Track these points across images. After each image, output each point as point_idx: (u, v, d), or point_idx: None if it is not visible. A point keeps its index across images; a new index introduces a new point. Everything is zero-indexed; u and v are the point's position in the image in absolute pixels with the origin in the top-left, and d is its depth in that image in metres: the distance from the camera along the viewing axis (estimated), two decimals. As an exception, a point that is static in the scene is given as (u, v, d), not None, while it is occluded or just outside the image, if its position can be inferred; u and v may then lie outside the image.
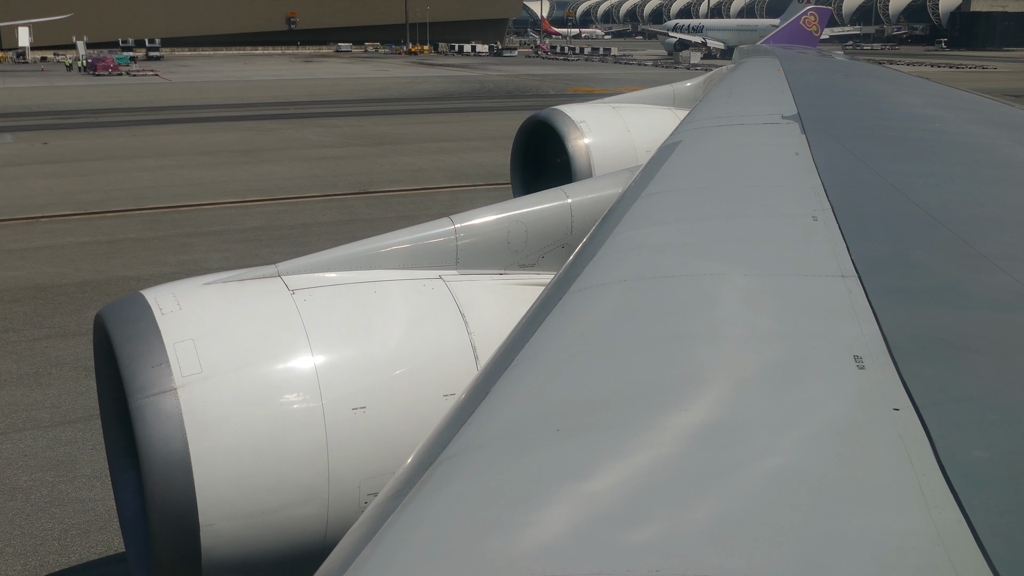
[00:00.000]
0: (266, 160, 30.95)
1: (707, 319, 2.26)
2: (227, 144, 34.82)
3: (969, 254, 2.82)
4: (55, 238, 20.04)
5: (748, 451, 1.57)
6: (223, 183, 26.71)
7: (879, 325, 2.06)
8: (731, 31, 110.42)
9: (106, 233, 20.46)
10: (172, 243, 19.50)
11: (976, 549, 1.25)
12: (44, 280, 16.67)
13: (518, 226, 4.08)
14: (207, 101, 53.52)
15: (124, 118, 44.54)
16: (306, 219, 21.86)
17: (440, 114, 47.10)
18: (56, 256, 18.42)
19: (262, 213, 22.66)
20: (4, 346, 13.30)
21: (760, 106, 6.57)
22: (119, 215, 22.42)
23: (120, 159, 31.31)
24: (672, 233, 3.13)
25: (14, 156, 32.19)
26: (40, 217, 22.10)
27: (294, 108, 49.23)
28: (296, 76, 79.37)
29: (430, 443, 1.79)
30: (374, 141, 35.90)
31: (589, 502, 1.45)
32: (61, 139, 36.46)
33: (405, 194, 25.18)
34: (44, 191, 25.46)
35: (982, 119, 7.20)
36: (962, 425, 1.66)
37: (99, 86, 66.88)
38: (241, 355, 3.17)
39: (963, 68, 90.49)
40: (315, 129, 39.72)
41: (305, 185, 26.37)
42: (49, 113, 46.93)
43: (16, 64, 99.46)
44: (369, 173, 28.48)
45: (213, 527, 3.01)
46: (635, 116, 8.54)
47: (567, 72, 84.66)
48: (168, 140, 36.22)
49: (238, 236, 20.12)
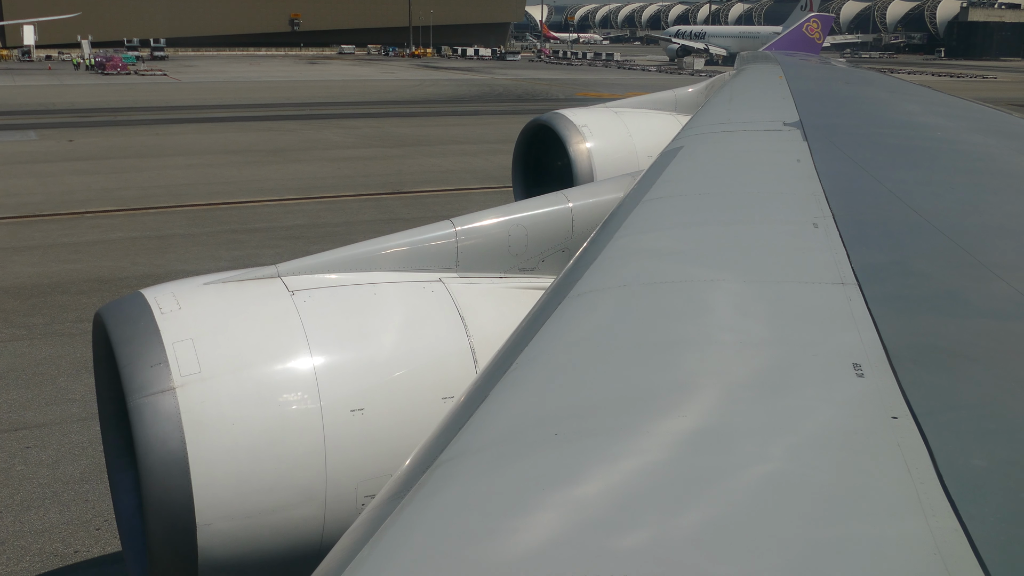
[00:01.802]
0: (294, 160, 31.39)
1: (706, 325, 2.27)
2: (251, 144, 35.24)
3: (969, 263, 2.82)
4: (104, 233, 20.45)
5: (746, 458, 1.58)
6: (257, 182, 27.14)
7: (878, 333, 2.06)
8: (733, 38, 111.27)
9: (153, 229, 20.87)
10: (221, 239, 19.93)
11: (973, 558, 1.26)
12: (103, 273, 17.09)
13: (519, 229, 4.06)
14: (221, 101, 53.91)
15: (143, 117, 44.92)
16: (347, 218, 22.31)
17: (455, 116, 47.56)
18: (109, 250, 18.84)
19: (302, 211, 23.11)
20: (84, 335, 13.74)
21: (762, 112, 6.58)
22: (162, 211, 22.82)
23: (148, 157, 31.70)
24: (673, 239, 3.11)
25: (42, 153, 32.56)
26: (84, 212, 22.51)
27: (309, 109, 49.66)
28: (304, 77, 79.78)
29: (428, 446, 1.79)
30: (396, 143, 36.36)
31: (587, 507, 1.46)
32: (85, 137, 36.83)
33: (439, 194, 25.64)
34: (82, 187, 25.85)
35: (984, 128, 7.23)
36: (961, 434, 1.67)
37: (111, 85, 67.19)
38: (240, 355, 3.17)
39: (964, 77, 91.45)
40: (335, 130, 40.17)
41: (338, 184, 26.82)
42: (67, 112, 47.25)
43: (21, 62, 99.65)
44: (398, 173, 28.93)
45: (210, 527, 3.00)
46: (637, 121, 8.53)
47: (573, 77, 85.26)
48: (191, 139, 36.64)
49: (284, 233, 20.56)
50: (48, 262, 17.87)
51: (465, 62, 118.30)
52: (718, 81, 9.68)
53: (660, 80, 75.88)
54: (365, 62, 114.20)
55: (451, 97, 60.34)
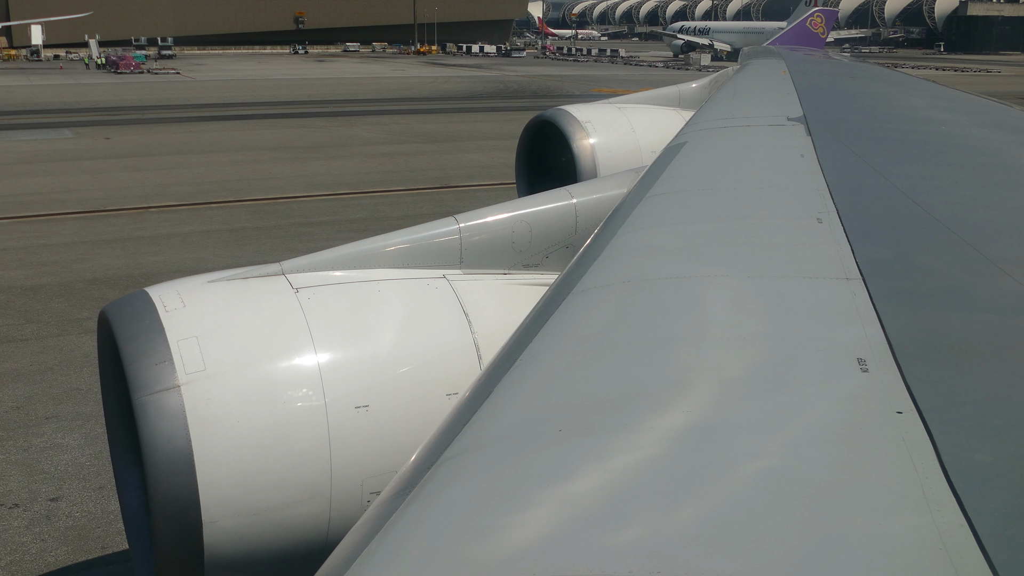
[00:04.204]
0: (334, 156, 31.99)
1: (710, 321, 2.28)
2: (287, 140, 35.81)
3: (974, 257, 2.82)
4: (174, 227, 21.03)
5: (751, 453, 1.59)
6: (306, 177, 27.74)
7: (883, 328, 2.07)
8: (738, 33, 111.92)
9: (221, 222, 21.47)
10: (291, 232, 20.53)
11: (979, 553, 1.26)
12: (191, 264, 17.67)
13: (522, 226, 4.06)
14: (241, 99, 54.48)
15: (170, 115, 45.46)
16: (405, 211, 22.91)
17: (478, 112, 48.17)
18: (186, 243, 19.42)
19: (360, 205, 23.72)
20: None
21: (765, 108, 6.58)
22: (224, 206, 23.42)
23: (189, 154, 32.27)
24: (677, 235, 3.13)
25: (84, 150, 33.10)
26: (149, 207, 23.10)
27: (332, 106, 50.25)
28: (316, 75, 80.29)
29: (433, 442, 1.80)
30: (427, 139, 36.95)
31: (592, 504, 1.46)
32: (120, 135, 37.37)
33: (488, 188, 26.23)
34: (136, 183, 26.42)
35: (988, 122, 7.22)
36: (965, 429, 1.67)
37: (128, 84, 67.68)
38: (244, 353, 3.18)
39: (968, 71, 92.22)
40: (363, 127, 40.75)
41: (385, 179, 27.43)
42: (93, 110, 47.78)
43: (31, 62, 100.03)
44: (440, 169, 29.55)
45: (216, 524, 3.01)
46: (640, 117, 8.52)
47: (583, 73, 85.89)
48: (225, 136, 37.22)
49: (349, 226, 21.15)
50: (130, 255, 18.46)
51: (471, 59, 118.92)
52: (722, 76, 9.69)
53: (670, 76, 76.46)
54: (372, 60, 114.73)
55: (468, 94, 60.94)
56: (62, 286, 16.27)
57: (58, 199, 24.08)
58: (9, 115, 45.23)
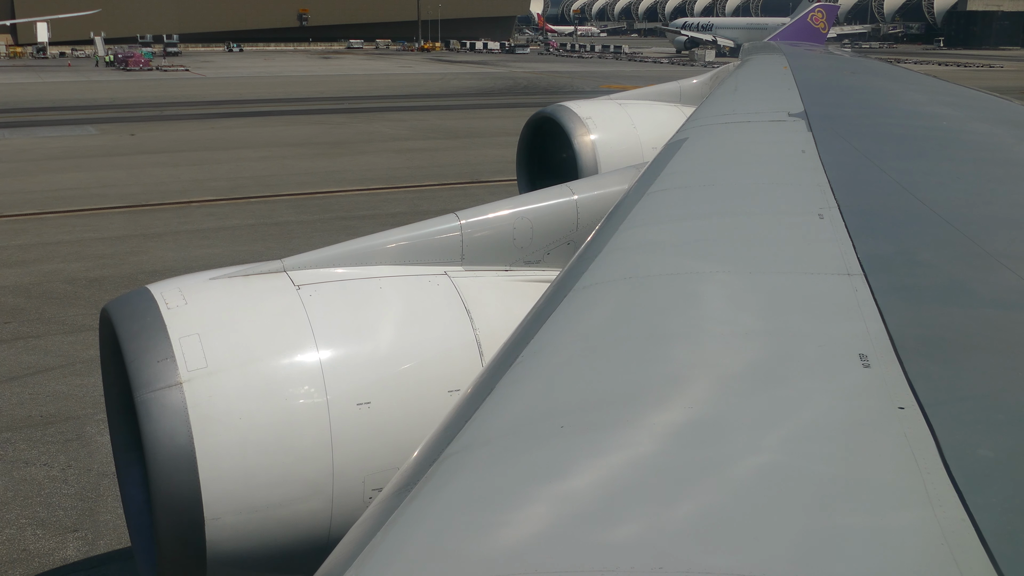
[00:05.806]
0: (360, 152, 32.48)
1: (711, 317, 2.28)
2: (310, 137, 36.29)
3: (975, 253, 2.82)
4: (220, 220, 21.52)
5: (752, 449, 1.59)
6: (337, 172, 28.23)
7: (885, 323, 2.07)
8: (741, 29, 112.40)
9: (265, 216, 21.96)
10: (334, 225, 21.02)
11: (980, 548, 1.26)
12: (243, 257, 18.12)
13: (523, 222, 4.07)
14: (256, 96, 55.01)
15: (189, 112, 45.94)
16: (443, 205, 23.38)
17: (493, 109, 48.62)
18: (237, 236, 19.92)
19: (397, 200, 24.23)
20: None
21: (766, 103, 6.57)
22: (265, 200, 23.90)
23: (217, 150, 32.77)
24: (677, 231, 3.12)
25: (111, 147, 33.55)
26: (191, 202, 23.59)
27: (348, 103, 50.75)
28: (325, 72, 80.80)
29: (435, 439, 1.81)
30: (447, 134, 37.45)
31: (594, 500, 1.47)
32: (144, 131, 37.85)
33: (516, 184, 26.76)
34: (171, 179, 26.91)
35: (990, 117, 7.20)
36: (967, 424, 1.67)
37: (139, 81, 68.12)
38: (246, 350, 3.19)
39: (970, 67, 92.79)
40: (383, 123, 41.24)
41: (416, 175, 27.92)
42: (112, 107, 48.24)
43: (37, 59, 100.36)
44: (467, 164, 30.05)
45: (218, 521, 3.03)
46: (641, 113, 8.50)
47: (589, 69, 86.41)
48: (248, 132, 37.67)
49: (391, 220, 21.55)
50: (183, 247, 18.94)
51: (476, 55, 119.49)
52: (723, 72, 9.68)
53: (676, 72, 76.96)
54: (377, 56, 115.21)
55: (479, 90, 61.42)
56: (124, 278, 16.75)
57: (97, 194, 24.56)
58: (29, 112, 45.76)
